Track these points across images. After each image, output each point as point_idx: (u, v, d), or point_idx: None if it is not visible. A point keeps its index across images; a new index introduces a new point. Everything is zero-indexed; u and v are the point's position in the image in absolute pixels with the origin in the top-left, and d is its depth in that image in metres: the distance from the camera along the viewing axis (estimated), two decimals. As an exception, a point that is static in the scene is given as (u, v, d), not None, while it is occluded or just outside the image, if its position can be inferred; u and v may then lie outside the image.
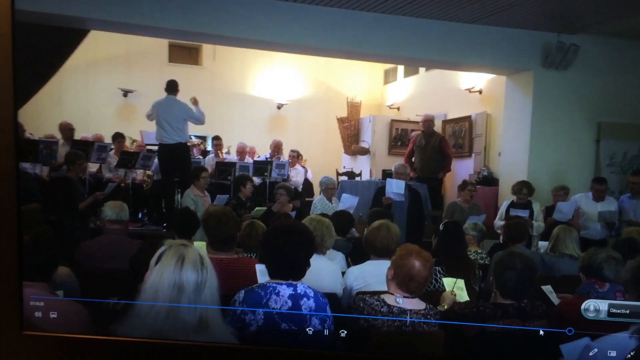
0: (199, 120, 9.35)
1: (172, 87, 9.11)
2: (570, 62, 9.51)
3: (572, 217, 7.75)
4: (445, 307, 3.73)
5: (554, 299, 3.96)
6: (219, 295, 2.65)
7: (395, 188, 8.28)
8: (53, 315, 2.64)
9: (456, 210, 8.32)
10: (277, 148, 11.68)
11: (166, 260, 2.56)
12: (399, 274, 3.36)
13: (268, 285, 3.11)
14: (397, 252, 3.50)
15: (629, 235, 5.53)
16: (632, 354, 2.41)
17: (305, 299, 3.11)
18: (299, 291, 3.11)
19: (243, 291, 3.10)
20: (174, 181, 9.03)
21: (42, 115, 10.83)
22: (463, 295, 3.95)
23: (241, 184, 8.46)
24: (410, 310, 3.28)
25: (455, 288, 3.94)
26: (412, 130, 13.70)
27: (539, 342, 2.93)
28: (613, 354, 2.46)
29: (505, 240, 6.37)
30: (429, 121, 10.61)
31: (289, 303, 3.06)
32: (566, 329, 2.58)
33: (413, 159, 10.74)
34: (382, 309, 3.28)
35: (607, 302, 2.52)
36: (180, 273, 2.52)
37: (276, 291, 3.08)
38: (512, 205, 8.09)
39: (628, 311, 2.49)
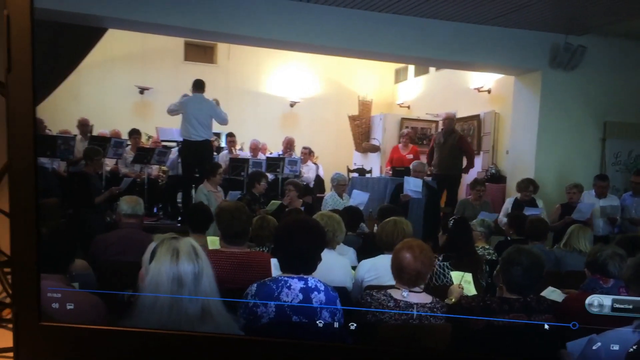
0: (224, 120, 9.55)
1: (200, 85, 9.30)
2: (578, 63, 9.56)
3: (589, 217, 7.80)
4: (453, 300, 3.82)
5: (558, 297, 3.91)
6: (217, 283, 2.66)
7: (413, 186, 8.48)
8: (70, 306, 2.65)
9: (467, 208, 8.39)
10: (289, 145, 11.76)
11: (161, 256, 2.58)
12: (393, 265, 3.48)
13: (280, 278, 3.17)
14: (394, 247, 3.59)
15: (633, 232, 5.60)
16: (634, 347, 2.45)
17: (316, 292, 3.16)
18: (309, 285, 3.16)
19: (255, 285, 3.15)
20: (194, 177, 9.16)
21: (60, 111, 10.87)
22: (470, 289, 4.03)
23: (256, 181, 8.54)
24: (417, 304, 3.34)
25: (463, 282, 3.99)
26: (422, 129, 13.85)
27: (544, 336, 2.95)
28: (616, 347, 2.48)
29: (517, 237, 6.41)
30: (449, 119, 10.58)
31: (300, 296, 3.11)
32: (570, 324, 2.61)
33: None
34: (389, 304, 3.33)
35: (610, 297, 2.55)
36: (177, 266, 2.54)
37: (288, 285, 3.12)
38: (517, 202, 8.15)
39: (631, 306, 2.52)
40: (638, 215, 7.74)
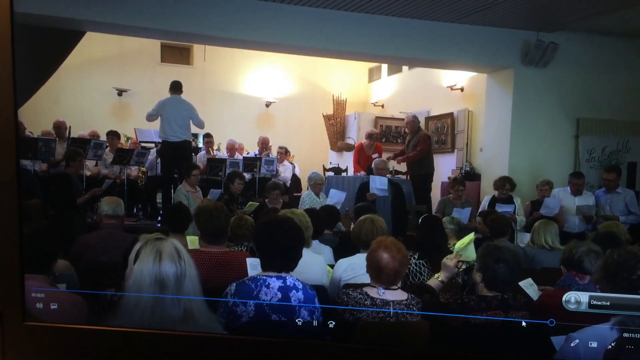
0: (201, 124, 9.64)
1: (177, 87, 9.39)
2: (550, 60, 9.67)
3: (557, 213, 7.88)
4: (440, 277, 3.84)
5: (534, 292, 3.89)
6: (200, 285, 2.72)
7: (379, 184, 8.57)
8: (53, 306, 2.67)
9: (448, 207, 8.39)
10: (264, 144, 11.78)
11: (144, 257, 2.61)
12: (370, 266, 3.47)
13: (259, 277, 3.19)
14: (370, 246, 3.57)
15: (607, 229, 5.61)
16: (612, 344, 2.46)
17: (294, 291, 3.18)
18: (288, 284, 3.19)
19: (234, 284, 3.16)
20: (174, 177, 9.23)
21: (41, 113, 10.83)
22: (469, 255, 3.88)
23: (230, 181, 8.65)
24: (393, 301, 3.35)
25: (461, 246, 3.87)
26: (397, 127, 13.95)
27: (522, 333, 2.96)
28: (594, 344, 2.51)
29: (489, 235, 6.36)
30: (409, 123, 10.64)
31: (279, 295, 3.13)
32: (548, 320, 2.63)
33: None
34: (365, 302, 3.33)
35: (587, 294, 2.53)
36: (160, 268, 2.58)
37: (266, 284, 3.15)
38: (493, 200, 8.22)
39: (608, 303, 2.51)
40: (612, 212, 7.86)
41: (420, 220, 5.44)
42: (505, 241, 5.96)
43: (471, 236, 3.83)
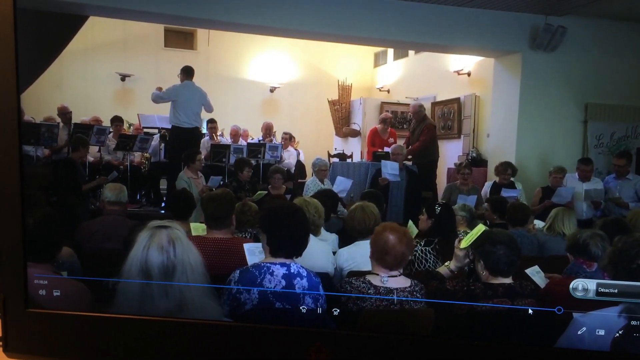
0: (211, 109, 9.69)
1: (189, 72, 9.36)
2: (558, 44, 9.58)
3: (570, 201, 7.78)
4: (451, 266, 3.70)
5: (541, 279, 3.84)
6: (203, 275, 2.69)
7: (390, 169, 8.54)
8: (56, 293, 2.64)
9: (454, 192, 8.36)
10: (268, 130, 11.76)
11: (137, 243, 2.61)
12: (375, 249, 3.45)
13: (262, 265, 3.17)
14: (374, 230, 3.58)
15: (636, 215, 5.54)
16: (620, 332, 2.44)
17: (298, 278, 3.17)
18: (292, 271, 3.17)
19: (238, 271, 3.17)
20: (180, 163, 9.16)
21: (43, 99, 10.83)
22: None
23: (239, 169, 8.58)
24: (397, 288, 3.33)
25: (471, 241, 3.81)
26: (402, 113, 13.87)
27: (529, 321, 2.93)
28: (602, 332, 2.48)
29: (498, 222, 6.37)
30: (415, 111, 10.63)
31: (283, 282, 3.12)
32: (555, 308, 2.60)
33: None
34: (369, 291, 3.31)
35: (595, 281, 2.51)
36: (147, 256, 2.57)
37: (270, 271, 3.13)
38: (495, 185, 8.20)
39: (616, 290, 2.48)
40: (622, 197, 7.78)
41: (437, 207, 5.34)
42: (522, 230, 5.88)
43: (480, 228, 3.68)
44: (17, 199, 2.35)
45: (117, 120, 10.33)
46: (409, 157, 10.23)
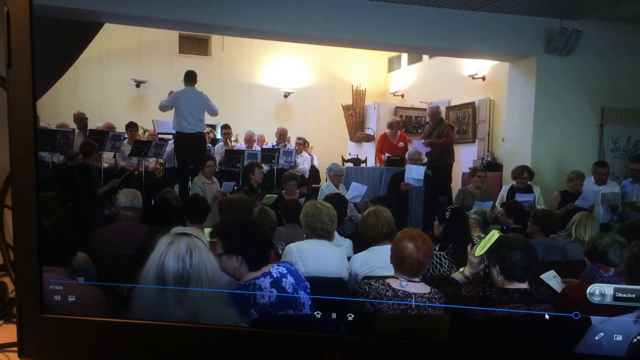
0: (215, 112, 9.59)
1: (191, 78, 9.32)
2: (573, 48, 9.49)
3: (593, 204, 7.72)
4: (465, 272, 3.72)
5: (558, 284, 3.79)
6: (219, 286, 2.66)
7: (415, 174, 8.44)
8: (71, 298, 2.70)
9: (467, 196, 8.37)
10: (282, 135, 11.75)
11: (156, 248, 2.59)
12: (393, 256, 3.49)
13: (248, 284, 3.16)
14: (396, 236, 3.57)
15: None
16: (638, 337, 2.43)
17: (284, 278, 3.20)
18: (275, 275, 3.19)
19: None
20: (190, 169, 9.18)
21: (58, 106, 10.87)
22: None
23: (250, 172, 8.63)
24: (415, 294, 3.35)
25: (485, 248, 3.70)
26: (417, 117, 13.85)
27: (545, 326, 2.94)
28: (619, 338, 2.47)
29: (512, 227, 6.35)
30: (432, 114, 10.63)
31: (274, 291, 3.13)
32: (572, 314, 2.62)
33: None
34: (387, 293, 3.34)
35: (612, 286, 2.54)
36: (163, 262, 2.54)
37: (257, 287, 3.12)
38: (512, 189, 8.15)
39: (634, 295, 2.50)
40: (638, 202, 7.72)
41: (447, 211, 5.33)
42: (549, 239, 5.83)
43: (493, 234, 3.63)
44: (32, 205, 2.39)
45: (132, 126, 10.38)
46: (426, 152, 10.22)
